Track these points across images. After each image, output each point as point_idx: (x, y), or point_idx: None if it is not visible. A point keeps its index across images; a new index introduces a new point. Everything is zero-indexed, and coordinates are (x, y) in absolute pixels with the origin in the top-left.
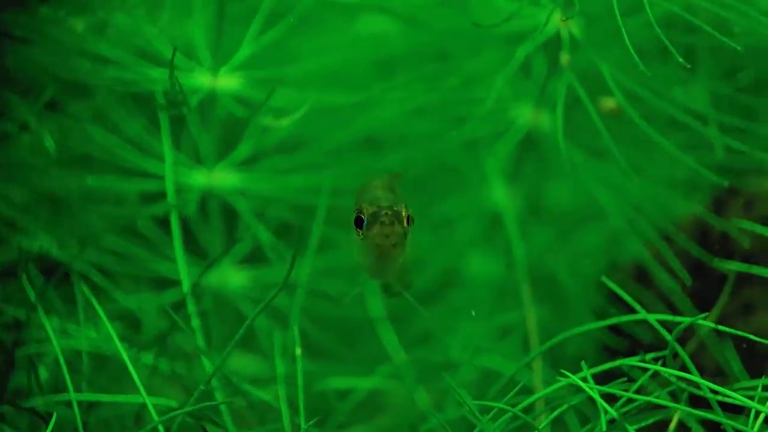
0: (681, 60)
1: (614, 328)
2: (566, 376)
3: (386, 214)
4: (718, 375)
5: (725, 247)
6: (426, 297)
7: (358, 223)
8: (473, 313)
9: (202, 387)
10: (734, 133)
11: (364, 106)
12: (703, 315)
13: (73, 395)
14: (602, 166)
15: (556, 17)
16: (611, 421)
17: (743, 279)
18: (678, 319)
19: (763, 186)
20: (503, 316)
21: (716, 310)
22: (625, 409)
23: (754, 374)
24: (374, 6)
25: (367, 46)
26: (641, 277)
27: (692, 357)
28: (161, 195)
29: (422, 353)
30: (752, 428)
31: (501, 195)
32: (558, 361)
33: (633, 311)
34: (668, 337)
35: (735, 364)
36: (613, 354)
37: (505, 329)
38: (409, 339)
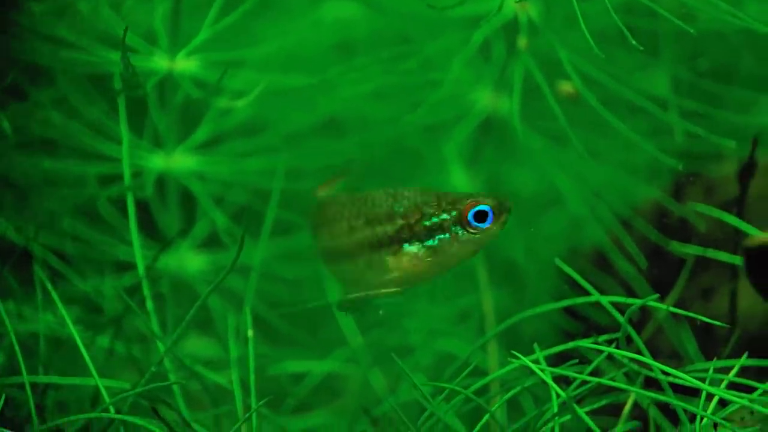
0: (635, 43)
1: (572, 313)
2: (517, 358)
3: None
4: (675, 358)
5: (684, 232)
6: None
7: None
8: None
9: (152, 368)
10: (695, 118)
11: (324, 89)
12: (654, 296)
13: (26, 377)
14: (562, 151)
15: (513, 1)
16: (563, 403)
17: (702, 264)
18: (629, 300)
19: (723, 171)
20: (461, 300)
21: (674, 295)
22: (577, 391)
23: (710, 358)
24: None
25: (330, 30)
26: (601, 262)
27: (650, 340)
28: (120, 178)
29: (379, 337)
30: (703, 410)
31: (461, 179)
32: (516, 344)
33: (591, 295)
34: (620, 318)
35: (691, 348)
36: (571, 338)
37: (464, 313)
38: (368, 323)
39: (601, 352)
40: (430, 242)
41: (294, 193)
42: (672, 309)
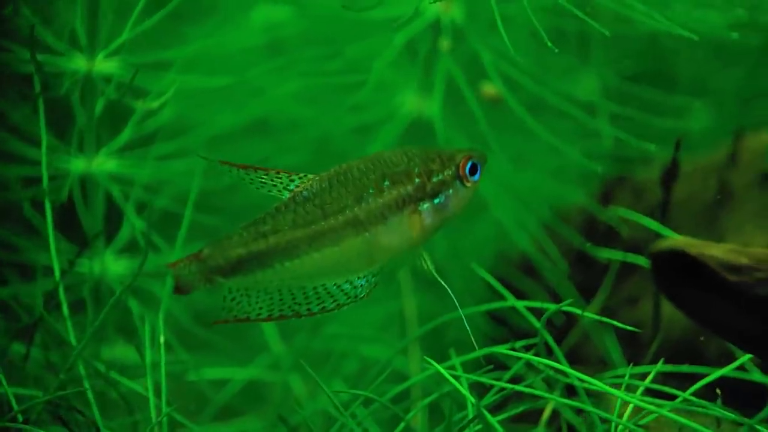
0: (550, 45)
1: (499, 319)
2: (431, 365)
3: None
4: (600, 364)
5: (611, 238)
6: None
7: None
8: None
9: (61, 375)
10: (623, 121)
11: (253, 91)
12: (568, 301)
13: None
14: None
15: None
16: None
17: (629, 270)
18: (545, 305)
19: (651, 175)
20: (388, 305)
21: (598, 300)
22: (494, 397)
23: (637, 364)
24: None
25: (258, 32)
26: (529, 268)
27: (577, 347)
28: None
29: (304, 343)
30: (619, 416)
31: None
32: (441, 350)
33: (518, 300)
34: (536, 323)
35: (615, 354)
36: (496, 344)
37: (390, 318)
38: (295, 329)
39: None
40: (437, 200)
41: (215, 195)
42: (587, 314)
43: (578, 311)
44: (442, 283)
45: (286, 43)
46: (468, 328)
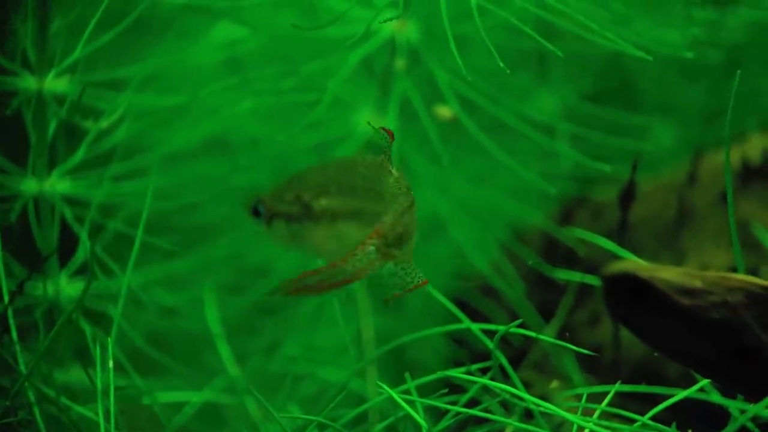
0: (502, 65)
1: (459, 341)
2: (383, 389)
3: None
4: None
5: (571, 258)
6: (270, 307)
7: None
8: None
9: (5, 402)
10: (581, 142)
11: (212, 108)
12: (516, 322)
13: None
14: (446, 175)
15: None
16: None
17: (590, 291)
18: (498, 327)
19: (611, 195)
20: (347, 327)
21: (557, 321)
22: (450, 421)
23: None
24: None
25: (216, 50)
26: (488, 288)
27: (538, 367)
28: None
29: (260, 365)
30: None
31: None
32: (400, 373)
33: (478, 322)
34: (489, 343)
35: (575, 375)
36: (456, 366)
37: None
38: (254, 351)
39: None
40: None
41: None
42: (544, 337)
43: (533, 334)
44: None
45: (244, 60)
46: (428, 348)
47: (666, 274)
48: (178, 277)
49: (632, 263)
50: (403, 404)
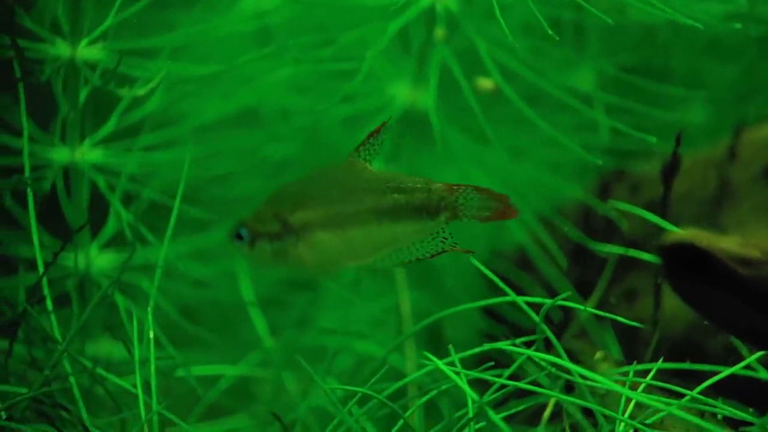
0: (551, 33)
1: (495, 316)
2: (431, 361)
3: None
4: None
5: (609, 232)
6: (302, 282)
7: None
8: None
9: (46, 372)
10: (621, 114)
11: (243, 79)
12: (565, 294)
13: None
14: (485, 148)
15: None
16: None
17: (627, 265)
18: (544, 300)
19: (650, 169)
20: (381, 302)
21: (595, 296)
22: (495, 395)
23: (636, 361)
24: None
25: (248, 19)
26: (524, 263)
27: (577, 341)
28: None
29: (294, 339)
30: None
31: None
32: (438, 348)
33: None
34: (536, 318)
35: (614, 350)
36: (493, 341)
37: (385, 316)
38: (285, 325)
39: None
40: None
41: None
42: (590, 310)
43: (579, 306)
44: None
45: (275, 30)
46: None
47: (725, 243)
48: (208, 250)
49: (690, 232)
50: (453, 376)
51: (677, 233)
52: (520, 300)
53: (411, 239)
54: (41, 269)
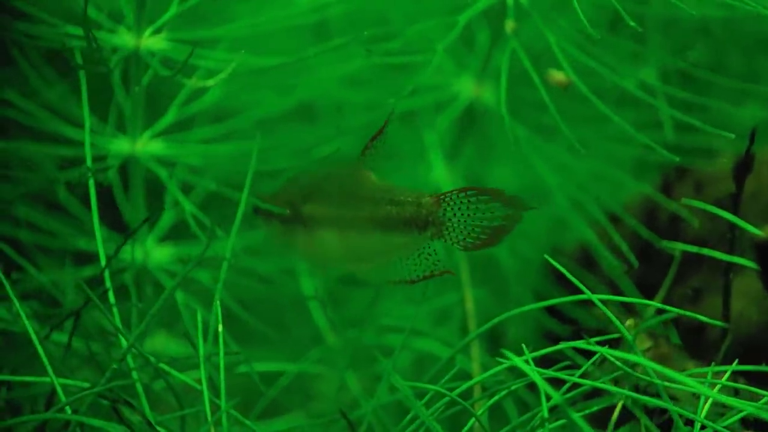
0: (633, 24)
1: (557, 315)
2: (506, 359)
3: None
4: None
5: (672, 231)
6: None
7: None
8: None
9: (114, 365)
10: (684, 111)
11: (298, 72)
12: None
13: None
14: (547, 143)
15: None
16: (552, 408)
17: (691, 264)
18: (620, 299)
19: (714, 167)
20: (441, 300)
21: (660, 296)
22: (567, 395)
23: (700, 363)
24: None
25: (304, 11)
26: (586, 261)
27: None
28: (79, 164)
29: (355, 337)
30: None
31: (441, 173)
32: (499, 347)
33: (576, 295)
34: (613, 318)
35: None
36: (554, 340)
37: (443, 313)
38: (343, 322)
39: (590, 356)
40: None
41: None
42: (666, 307)
43: (656, 304)
44: None
45: (331, 21)
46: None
47: None
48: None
49: None
50: (534, 374)
51: None
52: (596, 298)
53: (401, 252)
54: (103, 262)
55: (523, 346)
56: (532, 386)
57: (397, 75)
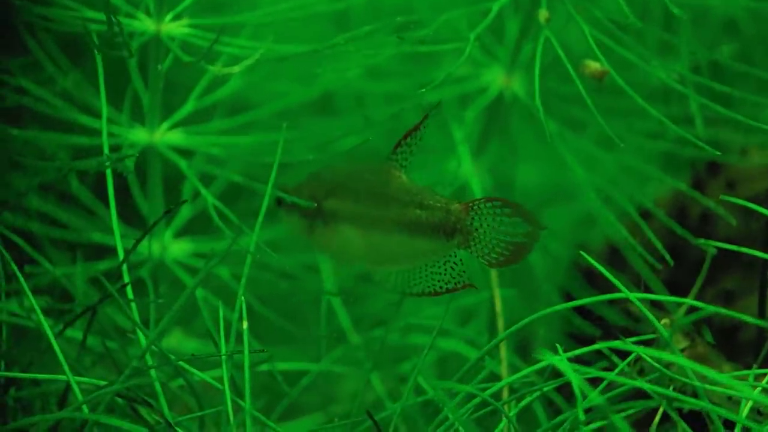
0: (678, 12)
1: (584, 313)
2: (539, 360)
3: None
4: None
5: (703, 230)
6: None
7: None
8: None
9: (134, 363)
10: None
11: (320, 61)
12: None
13: None
14: (575, 137)
15: None
16: (587, 410)
17: (722, 265)
18: (657, 297)
19: (746, 163)
20: (467, 299)
21: (692, 296)
22: (606, 395)
23: (734, 365)
24: None
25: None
26: (614, 259)
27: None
28: (92, 153)
29: (378, 336)
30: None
31: (469, 168)
32: (525, 347)
33: (603, 293)
34: (649, 315)
35: (711, 354)
36: (580, 340)
37: (467, 311)
38: (365, 321)
39: (621, 355)
40: None
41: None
42: (702, 305)
43: (695, 303)
44: None
45: (352, 10)
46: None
47: None
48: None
49: None
50: (572, 374)
51: None
52: (634, 296)
53: (425, 259)
54: (121, 256)
55: (558, 346)
56: (560, 389)
57: (419, 66)
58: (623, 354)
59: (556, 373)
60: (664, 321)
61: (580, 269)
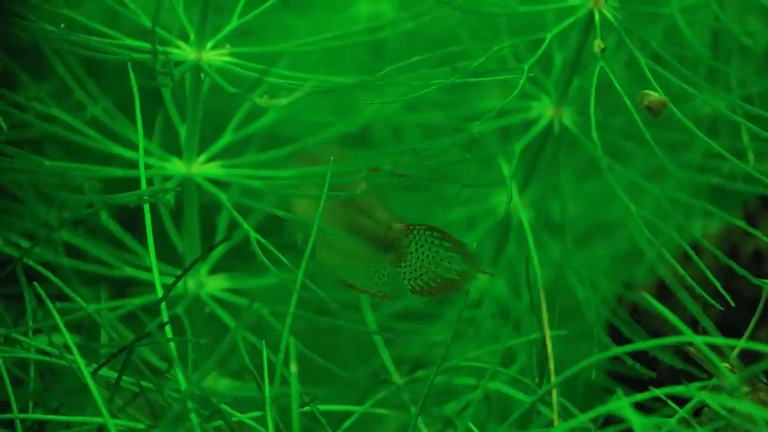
0: (749, 41)
1: (632, 354)
2: (597, 405)
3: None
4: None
5: (755, 268)
6: (423, 316)
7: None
8: None
9: (176, 408)
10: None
11: (357, 93)
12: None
13: (16, 414)
14: (625, 170)
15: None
16: None
17: None
18: (721, 340)
19: None
20: (510, 338)
21: (746, 337)
22: None
23: None
24: None
25: (363, 29)
26: (661, 296)
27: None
28: (126, 186)
29: (423, 376)
30: None
31: (516, 203)
32: (563, 387)
33: (646, 336)
34: (714, 359)
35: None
36: (626, 382)
37: (508, 352)
38: (407, 361)
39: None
40: None
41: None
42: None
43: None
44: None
45: (388, 40)
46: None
47: None
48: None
49: None
50: (636, 421)
51: None
52: (700, 340)
53: (361, 261)
54: (160, 293)
55: (619, 391)
56: None
57: (455, 96)
58: (677, 397)
59: (608, 419)
60: (724, 365)
61: (626, 306)
